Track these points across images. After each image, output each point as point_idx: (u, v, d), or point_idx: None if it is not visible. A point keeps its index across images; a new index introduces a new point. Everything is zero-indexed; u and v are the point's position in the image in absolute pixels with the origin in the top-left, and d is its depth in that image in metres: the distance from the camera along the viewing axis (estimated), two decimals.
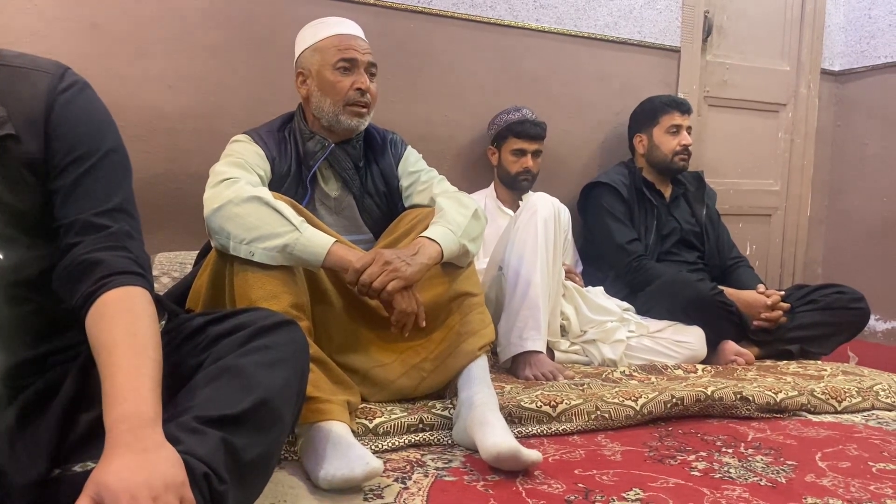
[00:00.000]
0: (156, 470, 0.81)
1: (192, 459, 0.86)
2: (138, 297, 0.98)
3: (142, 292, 0.99)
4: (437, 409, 1.60)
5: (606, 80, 2.97)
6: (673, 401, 1.75)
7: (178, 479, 0.82)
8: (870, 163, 3.43)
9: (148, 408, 0.87)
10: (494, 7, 2.72)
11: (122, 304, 0.96)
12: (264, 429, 0.97)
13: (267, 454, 0.98)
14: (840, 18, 3.52)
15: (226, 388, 0.96)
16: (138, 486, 0.79)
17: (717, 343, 2.39)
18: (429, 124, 2.65)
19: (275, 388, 0.99)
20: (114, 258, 0.99)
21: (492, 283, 2.10)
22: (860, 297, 2.49)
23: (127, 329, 0.93)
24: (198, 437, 0.89)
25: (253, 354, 1.01)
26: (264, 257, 1.47)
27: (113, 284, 0.97)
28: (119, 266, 0.99)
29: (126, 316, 0.95)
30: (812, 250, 3.60)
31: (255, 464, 0.95)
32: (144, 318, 0.96)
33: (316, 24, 1.85)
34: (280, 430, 1.01)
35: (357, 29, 1.85)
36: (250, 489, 0.98)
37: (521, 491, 1.29)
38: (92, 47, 2.14)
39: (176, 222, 2.20)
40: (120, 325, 0.94)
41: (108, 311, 0.95)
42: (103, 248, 1.00)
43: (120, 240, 1.02)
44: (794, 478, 1.40)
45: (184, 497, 0.82)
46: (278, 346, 1.04)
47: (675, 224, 2.67)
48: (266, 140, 1.78)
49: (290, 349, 1.06)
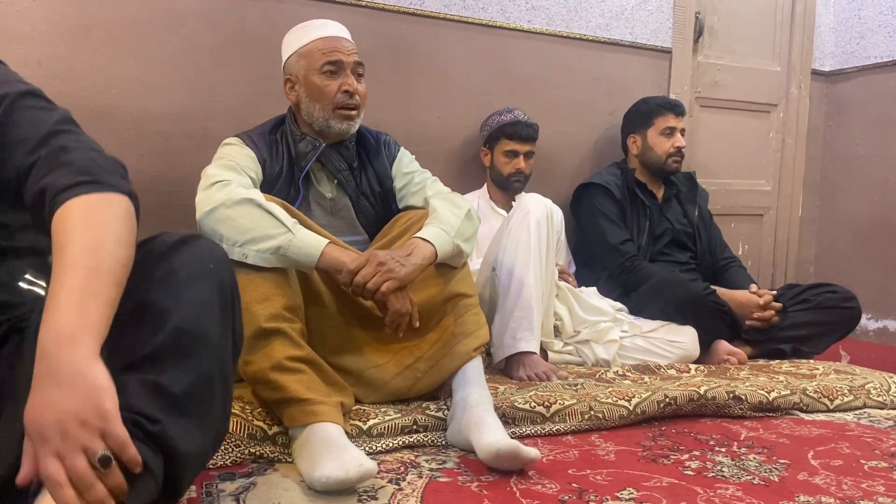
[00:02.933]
0: (68, 404, 0.75)
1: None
2: (77, 209, 0.91)
3: (84, 200, 0.92)
4: (431, 411, 1.60)
5: (598, 82, 2.98)
6: (666, 400, 1.75)
7: (97, 412, 0.76)
8: (860, 162, 3.45)
9: (66, 323, 0.80)
10: (486, 8, 2.72)
11: (59, 225, 0.91)
12: (188, 356, 0.91)
13: (202, 378, 0.93)
14: (830, 19, 3.54)
15: (135, 328, 0.91)
16: (48, 424, 0.74)
17: (710, 343, 2.40)
18: (421, 125, 2.65)
19: (189, 311, 0.94)
20: (53, 180, 0.94)
21: (485, 284, 2.10)
22: (852, 297, 2.50)
23: (60, 245, 0.88)
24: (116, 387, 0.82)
25: (158, 285, 0.94)
26: (257, 259, 1.47)
27: (55, 205, 0.92)
28: (58, 185, 0.94)
29: (59, 236, 0.89)
30: (804, 250, 3.62)
31: (192, 393, 0.91)
32: (78, 228, 0.89)
33: (300, 28, 1.84)
34: (210, 350, 0.95)
35: (342, 29, 1.85)
36: (199, 417, 0.93)
37: (515, 491, 1.29)
38: (84, 50, 2.13)
39: (167, 225, 2.19)
40: (57, 245, 0.89)
41: (55, 234, 0.91)
42: (43, 176, 0.96)
43: (54, 160, 0.96)
44: (786, 476, 1.41)
45: (106, 432, 0.76)
46: (184, 266, 0.97)
47: (667, 224, 2.68)
48: (257, 143, 1.78)
49: (199, 266, 0.98)
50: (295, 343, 1.46)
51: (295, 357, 1.44)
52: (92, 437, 0.75)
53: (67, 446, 0.74)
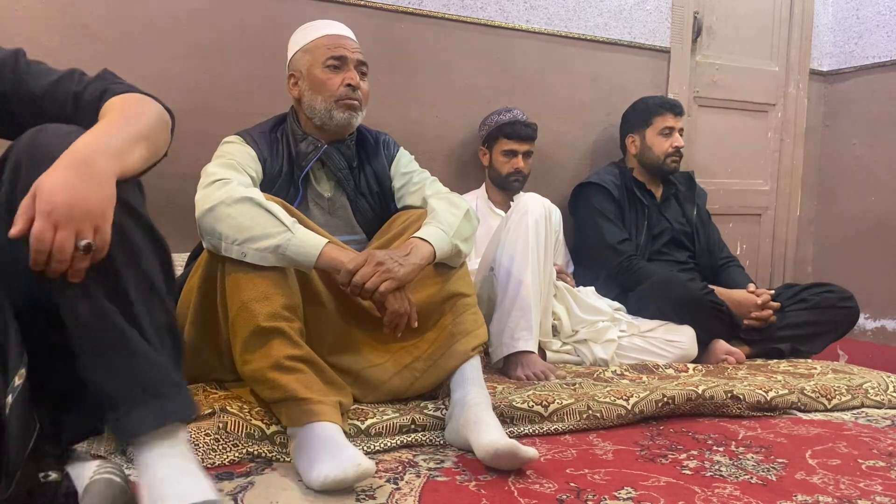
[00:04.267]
0: (84, 194, 0.90)
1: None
2: (124, 98, 1.10)
3: (134, 95, 1.12)
4: (429, 410, 1.60)
5: (597, 81, 2.98)
6: (664, 400, 1.76)
7: (103, 213, 0.91)
8: (859, 162, 3.45)
9: (116, 144, 0.97)
10: (485, 8, 2.72)
11: (109, 104, 1.09)
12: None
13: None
14: (828, 19, 3.54)
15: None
16: (61, 202, 0.88)
17: (708, 342, 2.40)
18: (419, 125, 2.65)
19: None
20: (109, 86, 1.13)
21: (483, 284, 2.10)
22: (850, 296, 2.51)
23: (120, 105, 1.07)
24: None
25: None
26: (256, 258, 1.47)
27: (107, 96, 1.11)
28: (113, 90, 1.12)
29: (106, 107, 1.08)
30: (802, 249, 3.62)
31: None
32: (139, 102, 1.10)
33: (307, 26, 1.87)
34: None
35: (347, 30, 1.88)
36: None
37: (513, 490, 1.29)
38: (83, 49, 2.13)
39: (166, 224, 2.17)
40: (115, 104, 1.08)
41: (102, 111, 1.08)
42: (100, 87, 1.13)
43: (105, 80, 1.15)
44: (784, 475, 1.41)
45: (98, 228, 0.91)
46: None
47: (665, 224, 2.68)
48: (258, 141, 1.78)
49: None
50: (294, 342, 1.45)
51: (293, 356, 1.44)
52: (88, 228, 0.90)
53: (66, 224, 0.88)
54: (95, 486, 1.01)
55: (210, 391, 1.58)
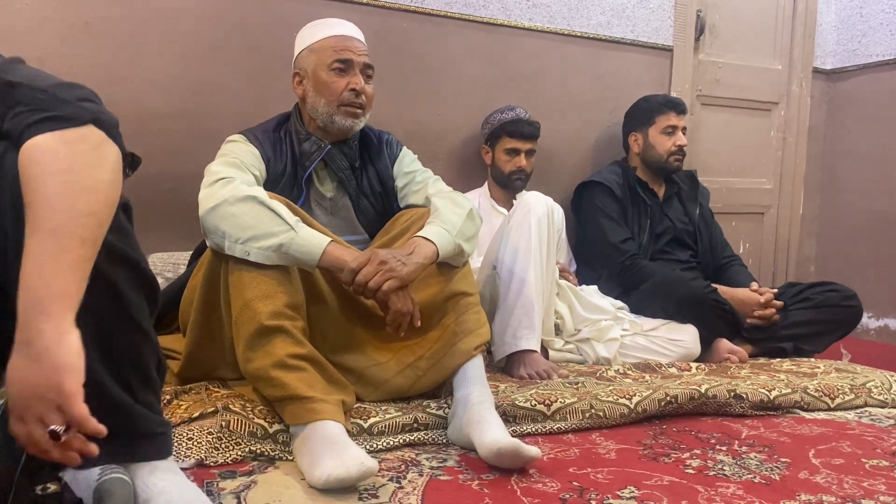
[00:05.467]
0: (31, 379, 0.79)
1: None
2: (30, 158, 0.85)
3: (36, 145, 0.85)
4: (431, 409, 1.60)
5: (600, 80, 2.98)
6: (667, 399, 1.75)
7: (56, 390, 0.79)
8: (862, 161, 3.44)
9: (36, 294, 0.80)
10: (487, 6, 2.72)
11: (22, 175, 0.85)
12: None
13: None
14: (832, 17, 3.53)
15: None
16: (14, 393, 0.80)
17: (711, 341, 2.40)
18: (422, 124, 2.65)
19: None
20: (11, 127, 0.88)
21: (486, 283, 2.10)
22: (853, 295, 2.50)
23: (24, 202, 0.84)
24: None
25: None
26: (259, 257, 1.47)
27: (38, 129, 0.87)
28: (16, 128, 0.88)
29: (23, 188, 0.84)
30: (805, 248, 3.62)
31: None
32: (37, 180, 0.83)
33: (314, 24, 1.85)
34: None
35: (356, 31, 1.86)
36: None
37: (515, 489, 1.29)
38: (85, 47, 2.13)
39: (170, 223, 2.19)
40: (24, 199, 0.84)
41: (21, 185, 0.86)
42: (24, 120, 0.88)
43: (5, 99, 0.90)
44: (787, 475, 1.41)
45: (63, 407, 0.79)
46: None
47: (668, 223, 2.68)
48: (262, 140, 1.78)
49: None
50: (297, 341, 1.46)
51: (297, 355, 1.44)
52: (48, 412, 0.79)
53: (27, 416, 0.80)
54: (112, 488, 0.99)
55: (212, 389, 1.58)
